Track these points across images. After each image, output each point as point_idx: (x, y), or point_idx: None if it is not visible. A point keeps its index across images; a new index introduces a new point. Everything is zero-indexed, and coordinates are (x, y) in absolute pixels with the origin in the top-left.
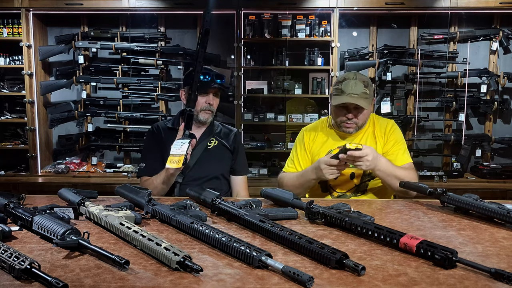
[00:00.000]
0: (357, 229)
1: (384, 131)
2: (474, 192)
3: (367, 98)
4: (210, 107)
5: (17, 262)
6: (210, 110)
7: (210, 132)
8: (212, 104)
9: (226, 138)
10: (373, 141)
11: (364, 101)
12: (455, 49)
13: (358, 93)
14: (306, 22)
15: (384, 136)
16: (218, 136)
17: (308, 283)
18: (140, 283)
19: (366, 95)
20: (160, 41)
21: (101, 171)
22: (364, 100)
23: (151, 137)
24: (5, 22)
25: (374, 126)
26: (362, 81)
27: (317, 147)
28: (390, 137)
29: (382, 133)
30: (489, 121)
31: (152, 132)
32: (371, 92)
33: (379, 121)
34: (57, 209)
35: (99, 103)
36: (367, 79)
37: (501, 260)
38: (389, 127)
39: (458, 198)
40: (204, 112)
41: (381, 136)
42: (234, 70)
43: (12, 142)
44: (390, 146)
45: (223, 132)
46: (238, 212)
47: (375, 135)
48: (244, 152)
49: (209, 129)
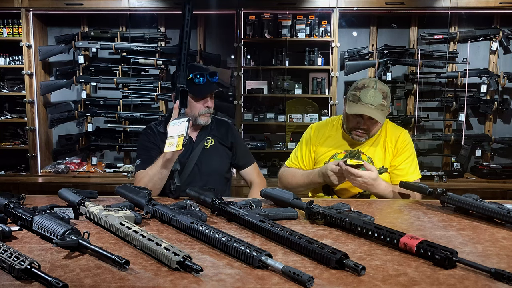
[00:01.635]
0: (357, 229)
1: (395, 143)
2: (474, 192)
3: (383, 110)
4: (209, 109)
5: (17, 262)
6: (209, 113)
7: (206, 132)
8: (210, 106)
9: (221, 135)
10: (382, 151)
11: (380, 114)
12: (455, 49)
13: (376, 104)
14: (306, 22)
15: (395, 148)
16: (213, 134)
17: (308, 283)
18: (140, 283)
19: (383, 107)
20: (160, 41)
21: (101, 171)
22: (381, 112)
23: (145, 137)
24: (5, 22)
25: (385, 135)
26: (382, 91)
27: (323, 147)
28: (401, 151)
29: (393, 145)
30: (489, 121)
31: (146, 132)
32: (388, 103)
33: (391, 129)
34: (57, 209)
35: (99, 103)
36: (386, 90)
37: (501, 260)
38: (402, 139)
39: (458, 198)
40: (203, 116)
41: (391, 147)
42: (234, 70)
43: (12, 142)
44: (399, 162)
45: (217, 129)
46: (238, 212)
47: (385, 145)
48: (243, 141)
49: (204, 129)
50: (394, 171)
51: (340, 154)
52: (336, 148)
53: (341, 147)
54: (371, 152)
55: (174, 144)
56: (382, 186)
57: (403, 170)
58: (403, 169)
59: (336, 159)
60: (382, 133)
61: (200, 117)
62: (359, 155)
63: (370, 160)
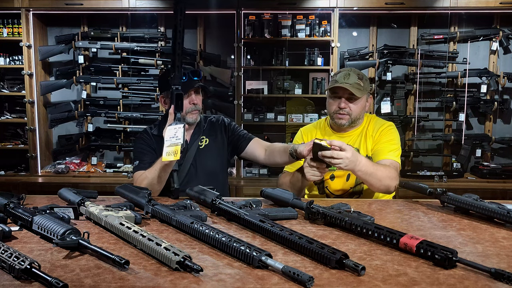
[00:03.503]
0: (357, 229)
1: (377, 131)
2: (474, 192)
3: (360, 89)
4: (195, 106)
5: (17, 262)
6: (196, 110)
7: (199, 132)
8: (196, 103)
9: (215, 133)
10: (369, 142)
11: (356, 90)
12: (455, 49)
13: (351, 82)
14: (306, 22)
15: (376, 134)
16: (207, 133)
17: (308, 283)
18: (140, 283)
19: (360, 86)
20: (160, 41)
21: (101, 171)
22: (357, 90)
23: (142, 141)
24: (5, 22)
25: (373, 129)
26: (357, 73)
27: None
28: (383, 134)
29: (375, 133)
30: (489, 121)
31: (142, 137)
32: (366, 85)
33: (378, 122)
34: (57, 209)
35: (99, 103)
36: (362, 74)
37: (501, 260)
38: (385, 127)
39: (458, 198)
40: (191, 113)
41: (371, 135)
42: (234, 70)
43: (12, 142)
44: (380, 142)
45: (211, 128)
46: (238, 212)
47: (366, 134)
48: (239, 128)
49: (197, 128)
50: (375, 148)
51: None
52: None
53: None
54: (357, 144)
55: (172, 154)
56: (363, 160)
57: (382, 147)
58: (383, 147)
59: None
60: (369, 127)
61: (188, 115)
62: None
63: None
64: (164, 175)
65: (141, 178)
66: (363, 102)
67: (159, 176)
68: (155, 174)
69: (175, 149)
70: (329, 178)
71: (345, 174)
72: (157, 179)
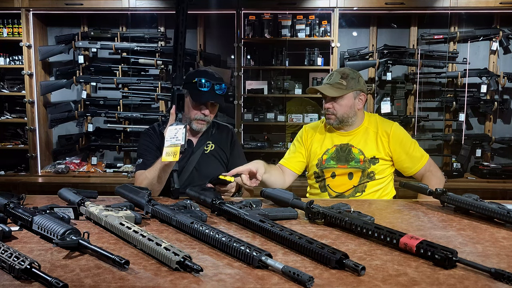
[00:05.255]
0: (357, 229)
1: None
2: (474, 192)
3: (339, 88)
4: (205, 117)
5: (17, 262)
6: (204, 121)
7: (207, 137)
8: (207, 115)
9: (222, 140)
10: (374, 143)
11: (331, 90)
12: (455, 49)
13: (331, 82)
14: (306, 22)
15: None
16: (214, 139)
17: (308, 283)
18: (140, 283)
19: (340, 86)
20: (160, 41)
21: (101, 171)
22: (334, 89)
23: (147, 137)
24: (5, 22)
25: (377, 129)
26: (341, 73)
27: (315, 144)
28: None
29: (386, 139)
30: (489, 121)
31: (148, 133)
32: (351, 84)
33: (382, 123)
34: (57, 209)
35: (99, 103)
36: (349, 73)
37: (501, 260)
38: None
39: (458, 198)
40: (198, 121)
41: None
42: (234, 70)
43: (12, 142)
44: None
45: (218, 134)
46: (238, 212)
47: (378, 138)
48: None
49: (206, 133)
50: (405, 165)
51: (331, 149)
52: (327, 144)
53: (332, 142)
54: (362, 145)
55: (171, 154)
56: None
57: (410, 158)
58: (409, 157)
59: (328, 154)
60: (372, 126)
61: (194, 122)
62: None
63: (361, 153)
64: (164, 175)
65: (142, 177)
66: (348, 101)
67: (159, 176)
68: (155, 174)
69: (175, 150)
70: (330, 176)
71: (346, 173)
72: (157, 179)
